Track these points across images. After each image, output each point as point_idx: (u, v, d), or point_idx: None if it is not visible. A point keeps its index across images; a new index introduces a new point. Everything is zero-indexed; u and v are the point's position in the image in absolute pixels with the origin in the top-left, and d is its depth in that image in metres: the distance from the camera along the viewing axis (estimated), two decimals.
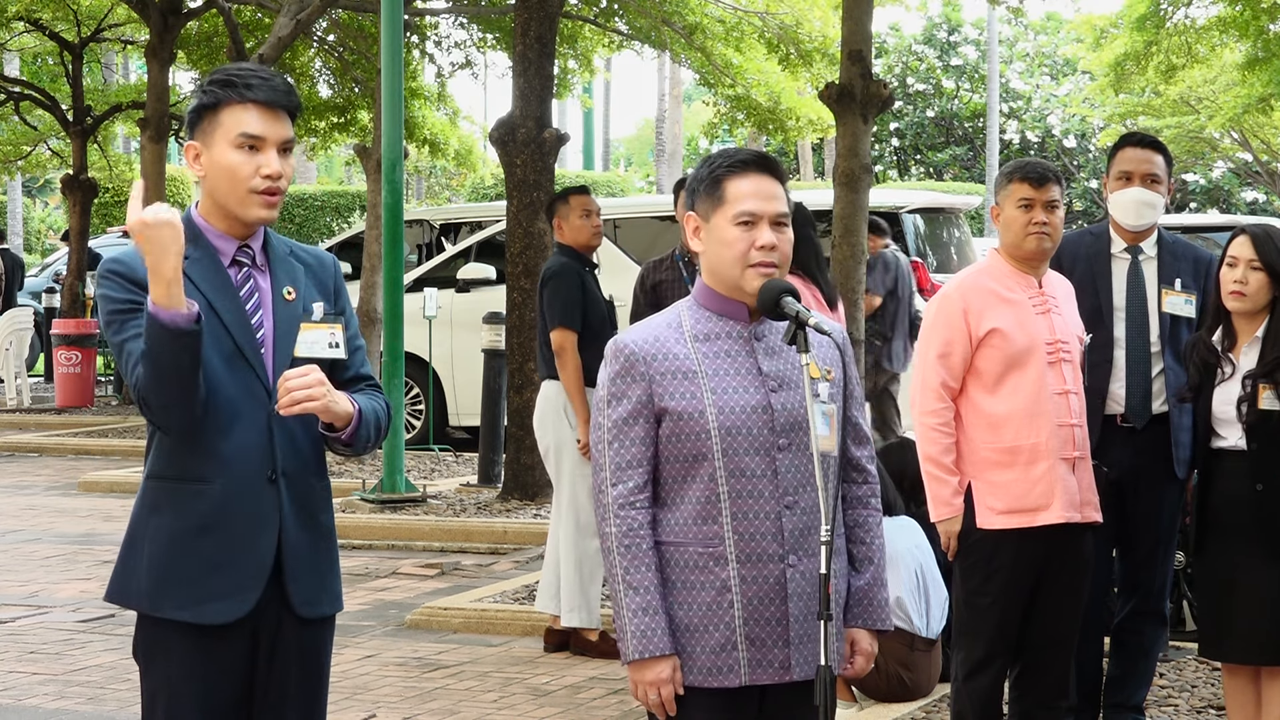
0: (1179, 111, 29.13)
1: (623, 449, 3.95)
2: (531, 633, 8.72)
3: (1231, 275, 5.75)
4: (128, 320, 3.84)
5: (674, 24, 17.78)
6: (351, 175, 53.01)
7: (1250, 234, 5.76)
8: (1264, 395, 5.67)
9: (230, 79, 3.91)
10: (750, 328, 4.00)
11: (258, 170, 3.88)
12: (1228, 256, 5.77)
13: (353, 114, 20.26)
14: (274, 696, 3.99)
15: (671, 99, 45.12)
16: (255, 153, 3.89)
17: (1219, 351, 5.80)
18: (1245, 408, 5.69)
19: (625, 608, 3.92)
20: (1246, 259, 5.72)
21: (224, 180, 3.91)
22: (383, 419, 4.03)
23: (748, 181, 3.96)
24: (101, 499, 13.63)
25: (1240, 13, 17.78)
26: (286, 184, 3.94)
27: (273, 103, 3.90)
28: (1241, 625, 5.72)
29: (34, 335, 21.08)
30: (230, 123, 3.89)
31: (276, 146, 3.91)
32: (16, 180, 33.20)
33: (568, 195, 8.42)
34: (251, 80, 3.90)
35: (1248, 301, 5.74)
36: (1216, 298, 5.82)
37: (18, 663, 8.29)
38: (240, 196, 3.90)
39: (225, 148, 3.89)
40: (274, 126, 3.91)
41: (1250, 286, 5.72)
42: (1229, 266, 5.76)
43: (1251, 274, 5.72)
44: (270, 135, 3.90)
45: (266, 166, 3.89)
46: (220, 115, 3.90)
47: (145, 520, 3.95)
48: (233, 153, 3.89)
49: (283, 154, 3.92)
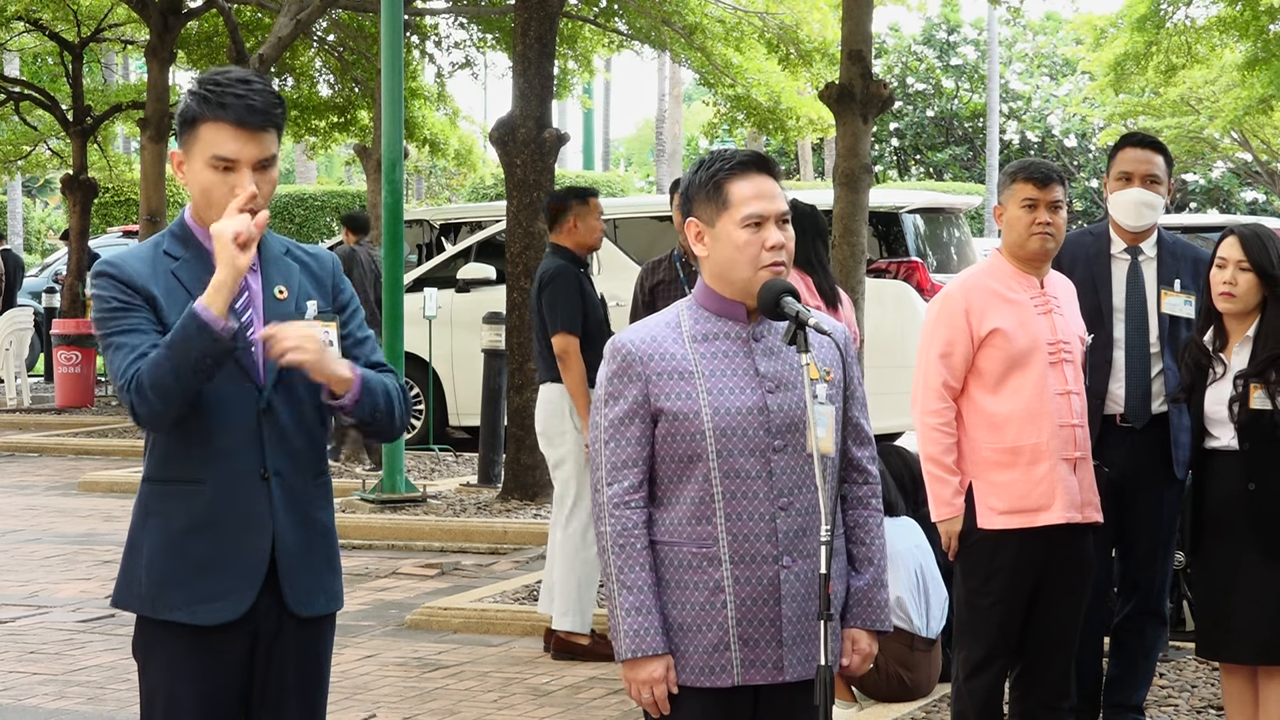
0: (1179, 112, 29.14)
1: (619, 448, 3.95)
2: (531, 633, 8.72)
3: (1221, 276, 5.76)
4: (118, 319, 3.85)
5: (674, 24, 17.79)
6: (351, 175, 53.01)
7: (1239, 235, 5.77)
8: (1255, 395, 5.68)
9: (207, 93, 3.85)
10: (749, 328, 4.00)
11: (232, 191, 3.85)
12: (1217, 258, 5.78)
13: (353, 114, 20.28)
14: (272, 696, 3.99)
15: (671, 99, 45.10)
16: (229, 173, 3.86)
17: (1210, 352, 5.80)
18: (1237, 407, 5.70)
19: (619, 606, 3.92)
20: (1235, 260, 5.73)
21: (201, 198, 3.90)
22: (394, 394, 3.99)
23: (749, 183, 3.95)
24: (101, 499, 13.62)
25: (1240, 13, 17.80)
26: (266, 199, 3.89)
27: (245, 123, 3.84)
28: (1239, 625, 5.72)
29: (34, 335, 21.08)
30: (206, 140, 3.86)
31: (250, 166, 3.86)
32: (16, 180, 33.21)
33: (586, 196, 8.38)
34: (227, 98, 3.83)
35: (1237, 302, 5.74)
36: (1207, 298, 5.83)
37: (18, 663, 8.29)
38: (217, 214, 3.87)
39: (201, 166, 3.87)
40: (248, 146, 3.85)
41: (1239, 287, 5.73)
42: (1218, 268, 5.77)
43: (1240, 275, 5.72)
44: (243, 156, 3.85)
45: (240, 188, 3.84)
46: (198, 130, 3.87)
47: (142, 524, 3.96)
48: (207, 172, 3.86)
49: (261, 170, 3.88)
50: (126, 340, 3.82)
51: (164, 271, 3.90)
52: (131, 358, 3.82)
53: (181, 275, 3.89)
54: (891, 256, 14.01)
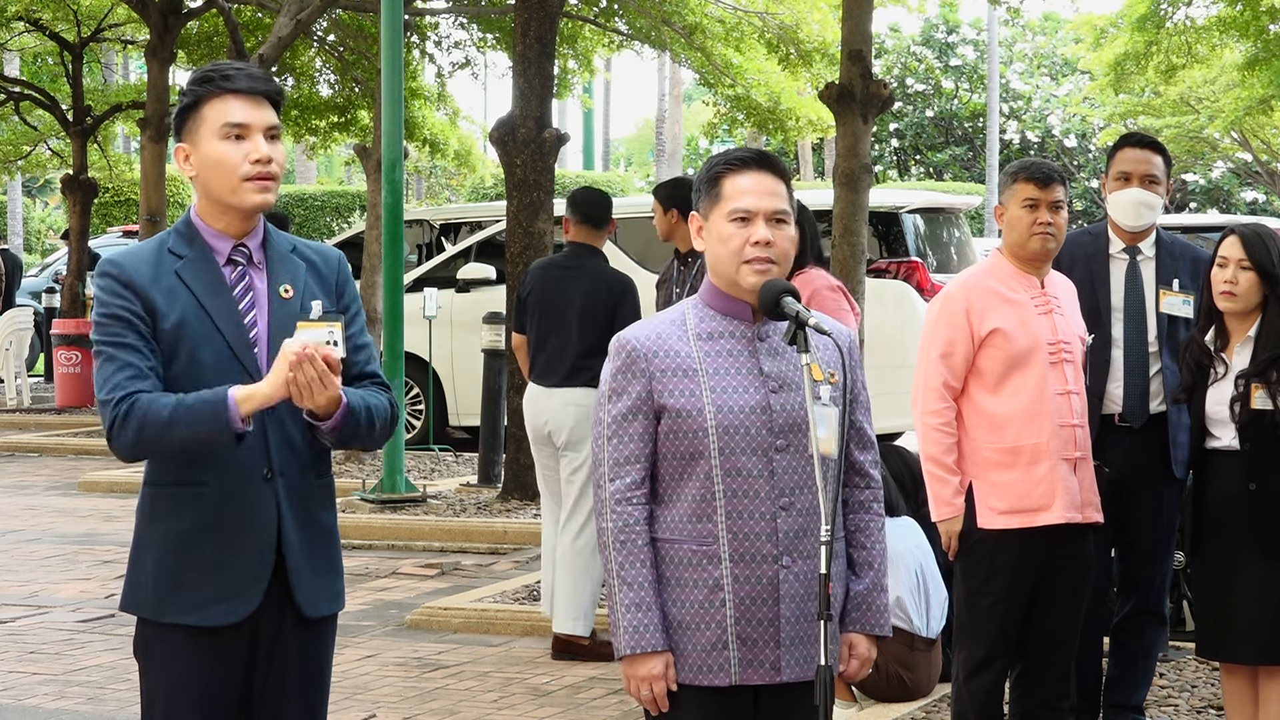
0: (1179, 111, 29.12)
1: (621, 445, 3.96)
2: (531, 633, 8.72)
3: (1222, 275, 5.76)
4: (114, 328, 3.85)
5: (674, 24, 17.78)
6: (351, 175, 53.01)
7: (1239, 234, 5.77)
8: (1256, 395, 5.68)
9: (207, 75, 3.93)
10: (754, 328, 4.00)
11: (246, 157, 3.88)
12: (1218, 257, 5.79)
13: (353, 114, 20.25)
14: (273, 696, 3.99)
15: (671, 99, 45.10)
16: (242, 141, 3.89)
17: (1212, 352, 5.81)
18: (1238, 407, 5.70)
19: (619, 603, 3.93)
20: (1236, 259, 5.73)
21: (214, 172, 3.90)
22: (378, 415, 3.97)
23: (745, 179, 3.96)
24: (101, 499, 13.62)
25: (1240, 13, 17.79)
26: (279, 169, 3.94)
27: (253, 90, 3.91)
28: (1239, 625, 5.72)
29: (34, 335, 21.07)
30: (214, 115, 3.90)
31: (262, 132, 3.90)
32: (16, 180, 33.18)
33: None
34: (228, 71, 3.92)
35: (1238, 302, 5.75)
36: (1208, 298, 5.83)
37: (18, 663, 8.29)
38: (233, 186, 3.89)
39: (212, 140, 3.90)
40: (257, 113, 3.91)
41: (1240, 287, 5.73)
42: (1219, 267, 5.78)
43: (1241, 274, 5.73)
44: (254, 121, 3.90)
45: (255, 152, 3.89)
46: (203, 110, 3.91)
47: (147, 528, 3.96)
48: (219, 144, 3.89)
49: (270, 139, 3.92)
50: (120, 355, 3.83)
51: (168, 272, 3.90)
52: (127, 374, 3.81)
53: (185, 275, 3.90)
54: (891, 256, 14.02)
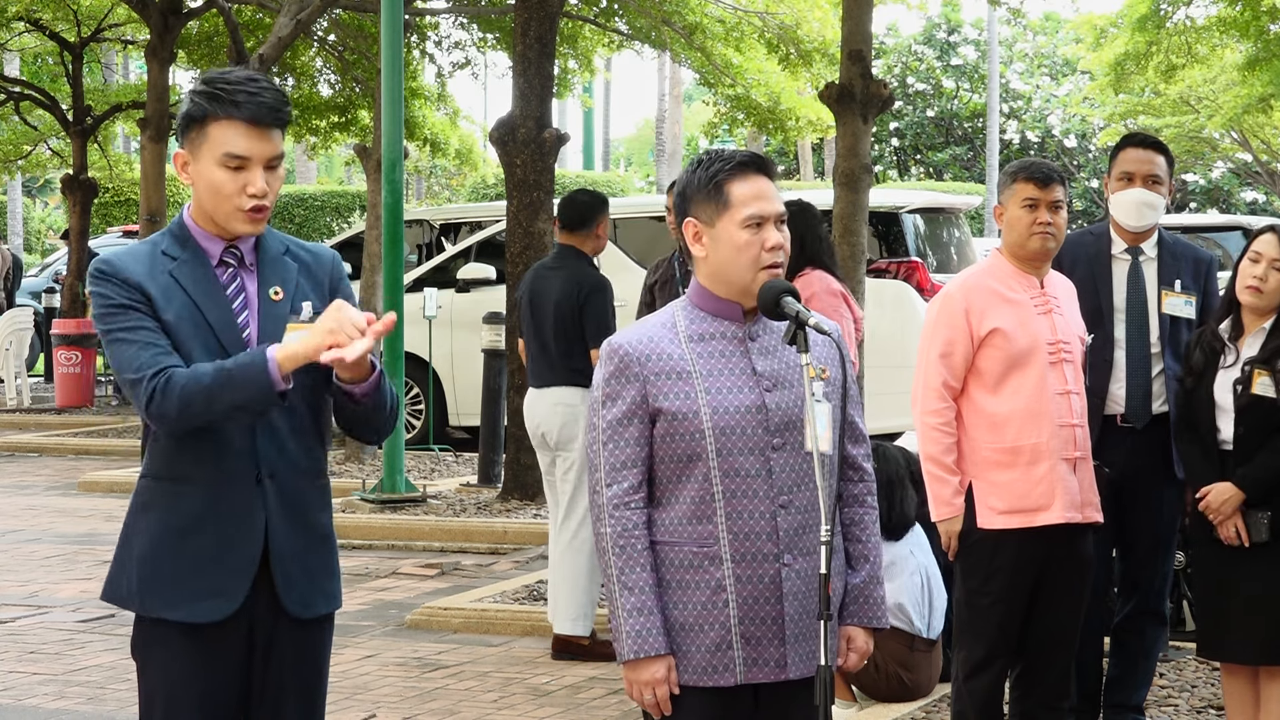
0: (1179, 111, 29.12)
1: (617, 449, 3.96)
2: (531, 633, 8.72)
3: (1252, 270, 5.75)
4: (122, 315, 3.85)
5: (674, 24, 17.77)
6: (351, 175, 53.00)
7: (1278, 233, 5.76)
8: (1259, 380, 5.68)
9: (217, 92, 3.85)
10: (745, 328, 4.01)
11: (243, 189, 3.86)
12: (1251, 251, 5.77)
13: (353, 114, 20.25)
14: (271, 696, 3.99)
15: (671, 99, 45.09)
16: (241, 172, 3.86)
17: (1224, 339, 5.81)
18: (1240, 389, 5.71)
19: (620, 608, 3.93)
20: (1270, 258, 5.73)
21: (209, 194, 3.89)
22: (392, 397, 3.99)
23: (749, 184, 3.96)
24: (101, 499, 13.62)
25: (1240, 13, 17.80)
26: (273, 199, 3.91)
27: (258, 120, 3.85)
28: (1239, 625, 5.72)
29: (34, 335, 21.07)
30: (216, 139, 3.85)
31: (263, 164, 3.87)
32: (16, 180, 33.18)
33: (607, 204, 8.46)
34: (238, 95, 3.84)
35: (1264, 299, 5.75)
36: (1231, 289, 5.82)
37: (18, 663, 8.29)
38: (226, 212, 3.88)
39: (211, 165, 3.86)
40: (260, 144, 3.85)
41: (1269, 284, 5.74)
42: (1251, 261, 5.76)
43: (1273, 273, 5.73)
44: (256, 154, 3.85)
45: (252, 185, 3.85)
46: (207, 129, 3.86)
47: (136, 519, 3.97)
48: (218, 171, 3.85)
49: (270, 169, 3.89)
50: (139, 336, 3.81)
51: (161, 272, 3.89)
52: (153, 351, 3.80)
53: (179, 276, 3.89)
54: (891, 256, 14.01)
